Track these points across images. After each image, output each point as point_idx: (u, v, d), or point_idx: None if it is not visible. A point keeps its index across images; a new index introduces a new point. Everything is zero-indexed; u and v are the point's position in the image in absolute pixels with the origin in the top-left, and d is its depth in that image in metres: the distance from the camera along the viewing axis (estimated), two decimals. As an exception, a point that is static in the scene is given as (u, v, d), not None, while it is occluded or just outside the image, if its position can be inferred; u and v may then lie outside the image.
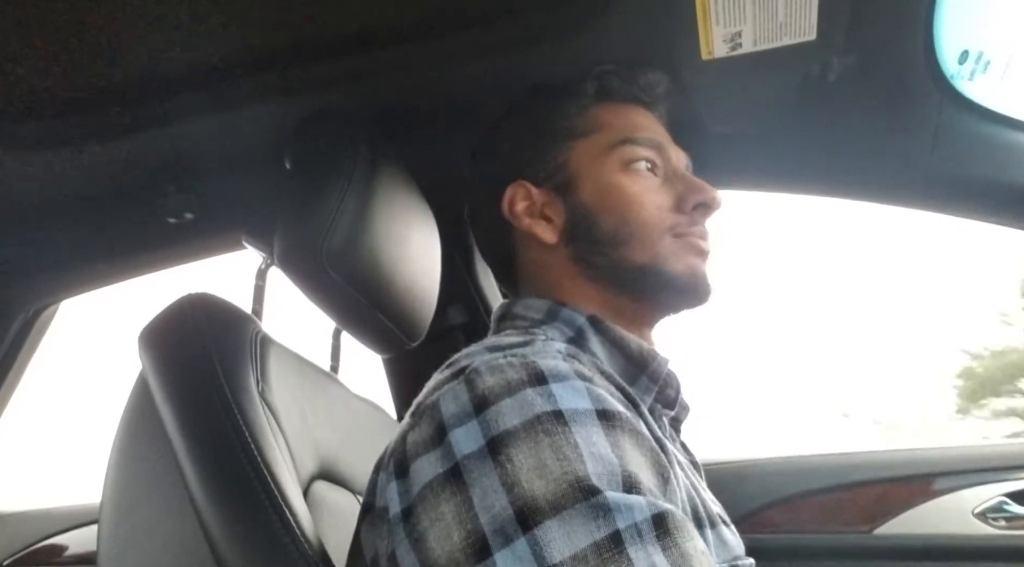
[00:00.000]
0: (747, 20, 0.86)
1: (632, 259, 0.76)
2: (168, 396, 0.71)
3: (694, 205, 0.78)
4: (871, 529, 1.23)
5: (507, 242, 0.85)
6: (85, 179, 1.09)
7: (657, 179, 0.80)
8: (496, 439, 0.53)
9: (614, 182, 0.78)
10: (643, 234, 0.76)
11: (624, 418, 0.57)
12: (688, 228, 0.78)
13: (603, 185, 0.79)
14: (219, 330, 0.77)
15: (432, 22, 0.89)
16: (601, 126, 0.82)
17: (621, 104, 0.84)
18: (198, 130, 1.01)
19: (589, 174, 0.80)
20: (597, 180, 0.79)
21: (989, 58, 0.95)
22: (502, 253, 0.87)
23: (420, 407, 0.61)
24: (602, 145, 0.80)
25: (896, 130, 1.01)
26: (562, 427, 0.53)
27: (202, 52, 0.88)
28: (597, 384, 0.60)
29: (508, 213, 0.82)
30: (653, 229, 0.77)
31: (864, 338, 5.16)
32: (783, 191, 1.16)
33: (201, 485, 0.66)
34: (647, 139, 0.81)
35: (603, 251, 0.77)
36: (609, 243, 0.77)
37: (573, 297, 0.78)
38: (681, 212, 0.78)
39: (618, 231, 0.77)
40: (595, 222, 0.78)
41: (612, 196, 0.78)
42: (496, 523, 0.50)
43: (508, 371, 0.58)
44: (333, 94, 0.98)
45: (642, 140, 0.80)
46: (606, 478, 0.51)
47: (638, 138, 0.80)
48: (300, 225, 0.84)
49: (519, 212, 0.82)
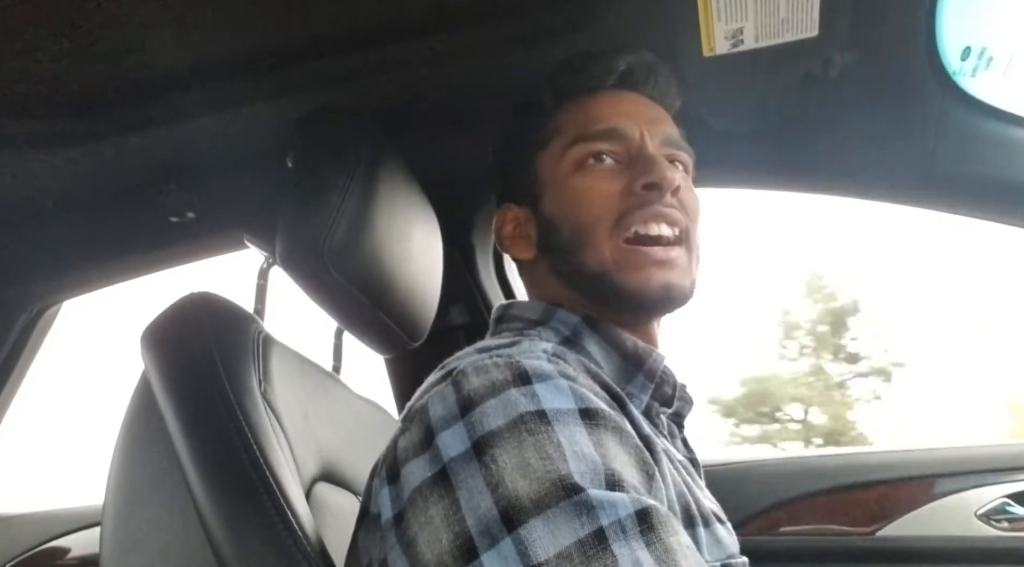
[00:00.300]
0: (749, 16, 0.85)
1: (587, 266, 0.75)
2: (170, 396, 0.71)
3: (642, 185, 0.73)
4: (873, 531, 1.23)
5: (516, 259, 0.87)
6: (87, 179, 1.09)
7: (619, 166, 0.77)
8: (481, 440, 0.54)
9: (567, 185, 0.77)
10: (591, 237, 0.74)
11: (607, 416, 0.57)
12: (638, 212, 0.73)
13: (559, 191, 0.78)
14: (221, 330, 0.76)
15: (434, 21, 0.89)
16: (558, 130, 0.80)
17: (581, 99, 0.81)
18: (200, 129, 1.01)
19: (551, 182, 0.79)
20: (555, 187, 0.79)
21: (991, 54, 0.95)
22: (517, 265, 0.89)
23: (411, 411, 0.62)
24: (557, 151, 0.79)
25: (898, 126, 1.01)
26: (545, 426, 0.53)
27: (204, 51, 0.88)
28: (581, 383, 0.59)
29: (496, 240, 0.85)
30: (598, 227, 0.74)
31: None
32: (784, 189, 1.15)
33: (203, 486, 0.66)
34: (598, 131, 0.77)
35: (566, 259, 0.77)
36: (569, 250, 0.76)
37: (566, 301, 0.78)
38: (631, 194, 0.74)
39: (572, 237, 0.76)
40: (556, 230, 0.78)
41: (565, 200, 0.77)
42: (482, 524, 0.50)
43: (493, 371, 0.58)
44: (335, 93, 0.98)
45: (593, 133, 0.77)
46: (589, 476, 0.51)
47: (588, 132, 0.77)
48: (302, 224, 0.84)
49: (504, 236, 0.84)
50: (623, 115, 0.78)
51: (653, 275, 0.72)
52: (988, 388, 5.63)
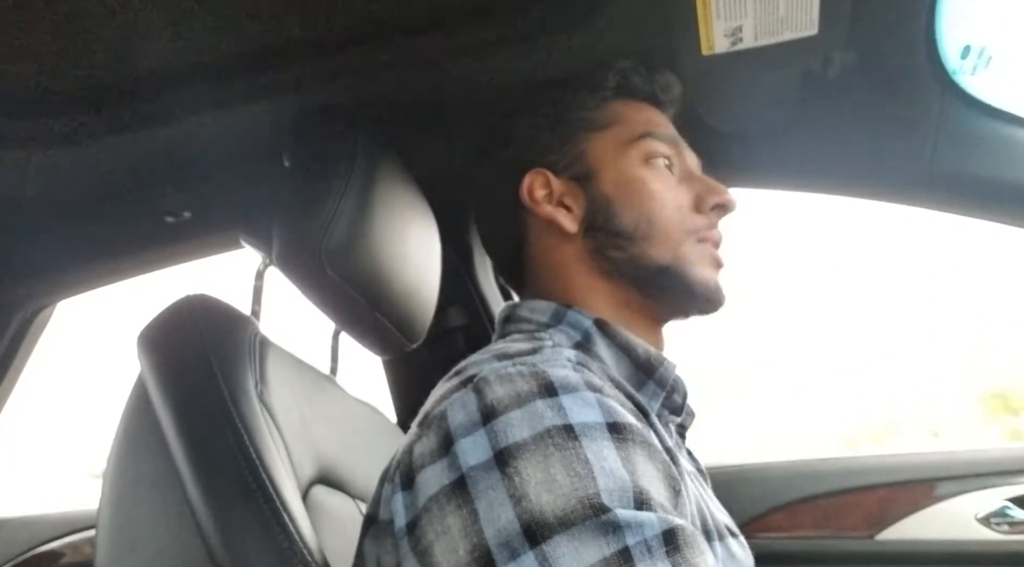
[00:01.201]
0: (748, 15, 0.85)
1: (652, 256, 0.75)
2: (166, 399, 0.71)
3: (712, 206, 0.78)
4: (873, 534, 1.23)
5: (518, 231, 0.83)
6: (82, 178, 1.09)
7: (674, 177, 0.80)
8: (504, 451, 0.53)
9: (636, 175, 0.78)
10: (665, 233, 0.76)
11: (635, 430, 0.56)
12: (707, 232, 0.78)
13: (624, 178, 0.78)
14: (218, 332, 0.76)
15: (432, 18, 0.89)
16: (620, 120, 0.81)
17: (638, 101, 0.84)
18: (196, 128, 1.00)
19: (610, 166, 0.79)
20: (619, 172, 0.79)
21: (991, 53, 0.95)
22: (511, 243, 0.84)
23: (428, 417, 0.60)
24: (622, 138, 0.80)
25: (898, 126, 1.01)
26: (573, 442, 0.52)
27: (200, 50, 0.87)
28: (608, 394, 0.58)
29: (528, 199, 0.80)
30: (676, 229, 0.76)
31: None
32: (783, 189, 1.15)
33: (199, 489, 0.66)
34: (666, 135, 0.81)
35: (622, 245, 0.76)
36: (629, 237, 0.76)
37: (582, 293, 0.77)
38: (699, 212, 0.78)
39: (639, 226, 0.76)
40: (616, 214, 0.77)
41: (634, 189, 0.77)
42: (501, 536, 0.49)
43: (518, 381, 0.57)
44: (332, 92, 0.97)
45: (661, 136, 0.80)
46: (617, 495, 0.50)
47: (658, 133, 0.80)
48: (299, 224, 0.83)
49: (539, 198, 0.80)
50: (675, 133, 0.83)
51: (715, 275, 0.78)
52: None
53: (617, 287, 0.77)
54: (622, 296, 0.77)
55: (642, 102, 0.84)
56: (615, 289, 0.77)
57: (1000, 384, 5.11)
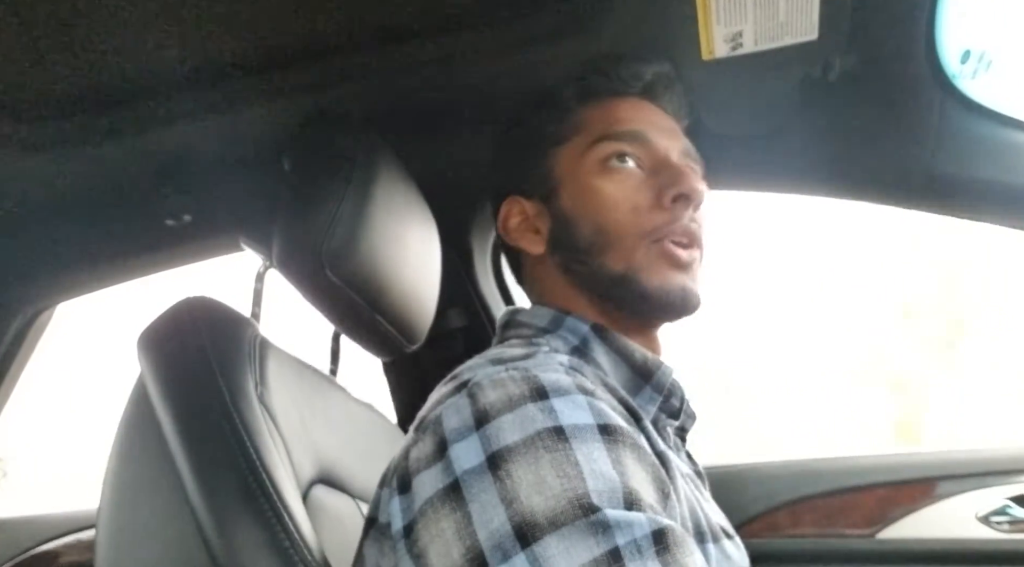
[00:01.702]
0: (748, 20, 0.85)
1: (609, 267, 0.74)
2: (166, 400, 0.71)
3: (672, 198, 0.74)
4: (873, 533, 1.23)
5: (512, 254, 0.87)
6: (82, 181, 1.09)
7: (641, 173, 0.77)
8: (496, 454, 0.53)
9: (590, 185, 0.76)
10: (619, 241, 0.74)
11: (625, 432, 0.57)
12: (667, 228, 0.74)
13: (579, 188, 0.77)
14: (218, 334, 0.76)
15: (431, 24, 0.89)
16: (580, 128, 0.79)
17: (606, 100, 0.81)
18: (196, 131, 1.00)
19: (569, 179, 0.78)
20: (575, 184, 0.78)
21: (991, 58, 0.95)
22: (514, 264, 0.88)
23: (424, 422, 0.61)
24: (580, 147, 0.79)
25: (898, 130, 1.01)
26: (563, 443, 0.53)
27: (200, 53, 0.87)
28: (599, 397, 0.59)
29: (501, 230, 0.84)
30: (628, 235, 0.74)
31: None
32: (783, 192, 1.15)
33: (199, 489, 0.66)
34: (625, 132, 0.77)
35: (583, 259, 0.76)
36: (587, 251, 0.75)
37: (572, 304, 0.77)
38: (661, 208, 0.74)
39: (595, 238, 0.75)
40: (575, 228, 0.77)
41: (588, 200, 0.76)
42: (494, 539, 0.50)
43: (509, 385, 0.57)
44: (331, 95, 0.98)
45: (619, 134, 0.77)
46: (607, 495, 0.51)
47: (614, 132, 0.77)
48: (299, 227, 0.83)
49: (511, 228, 0.82)
50: (648, 122, 0.79)
51: (674, 277, 0.73)
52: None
53: (592, 298, 0.77)
54: (600, 307, 0.77)
55: (610, 100, 0.81)
56: (593, 300, 0.77)
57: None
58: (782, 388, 2.45)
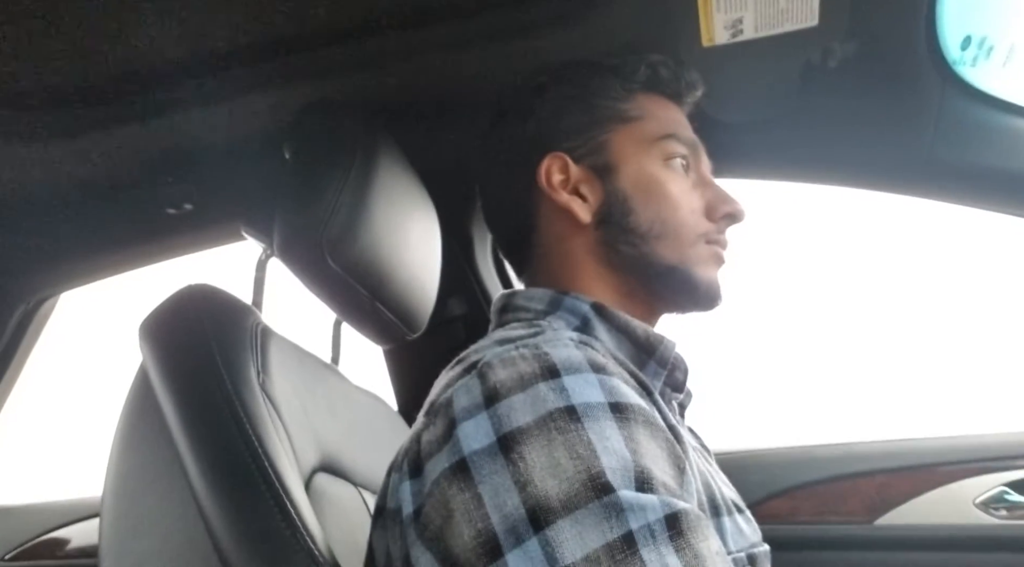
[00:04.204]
0: (748, 6, 0.85)
1: (662, 255, 0.76)
2: (168, 388, 0.71)
3: (723, 215, 0.79)
4: (872, 519, 1.23)
5: (529, 211, 0.81)
6: (83, 170, 1.09)
7: (689, 180, 0.80)
8: (508, 436, 0.53)
9: (656, 176, 0.78)
10: (677, 235, 0.76)
11: (638, 409, 0.56)
12: (717, 236, 0.79)
13: (644, 176, 0.78)
14: (219, 321, 0.76)
15: (433, 10, 0.88)
16: (646, 115, 0.80)
17: (664, 98, 0.83)
18: (197, 120, 1.00)
19: (631, 161, 0.79)
20: (639, 169, 0.78)
21: (992, 44, 0.95)
22: (520, 222, 0.82)
23: (434, 405, 0.61)
24: (646, 135, 0.79)
25: (898, 117, 1.00)
26: (575, 424, 0.53)
27: (201, 41, 0.87)
28: (611, 372, 0.58)
29: (545, 183, 0.79)
30: (688, 233, 0.77)
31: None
32: (784, 179, 1.15)
33: (202, 477, 0.66)
34: (687, 138, 0.81)
35: (634, 242, 0.77)
36: (642, 235, 0.76)
37: (586, 280, 0.77)
38: (710, 220, 0.79)
39: (653, 226, 0.76)
40: (631, 211, 0.77)
41: (652, 189, 0.77)
42: (508, 522, 0.50)
43: (520, 364, 0.57)
44: (332, 83, 0.97)
45: (683, 138, 0.80)
46: (620, 474, 0.50)
47: (680, 135, 0.80)
48: (300, 215, 0.83)
49: (556, 184, 0.79)
50: (697, 139, 0.83)
51: (717, 276, 0.79)
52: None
53: (623, 279, 0.78)
54: (626, 288, 0.78)
55: (667, 99, 0.83)
56: (620, 281, 0.78)
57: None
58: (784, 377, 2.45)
